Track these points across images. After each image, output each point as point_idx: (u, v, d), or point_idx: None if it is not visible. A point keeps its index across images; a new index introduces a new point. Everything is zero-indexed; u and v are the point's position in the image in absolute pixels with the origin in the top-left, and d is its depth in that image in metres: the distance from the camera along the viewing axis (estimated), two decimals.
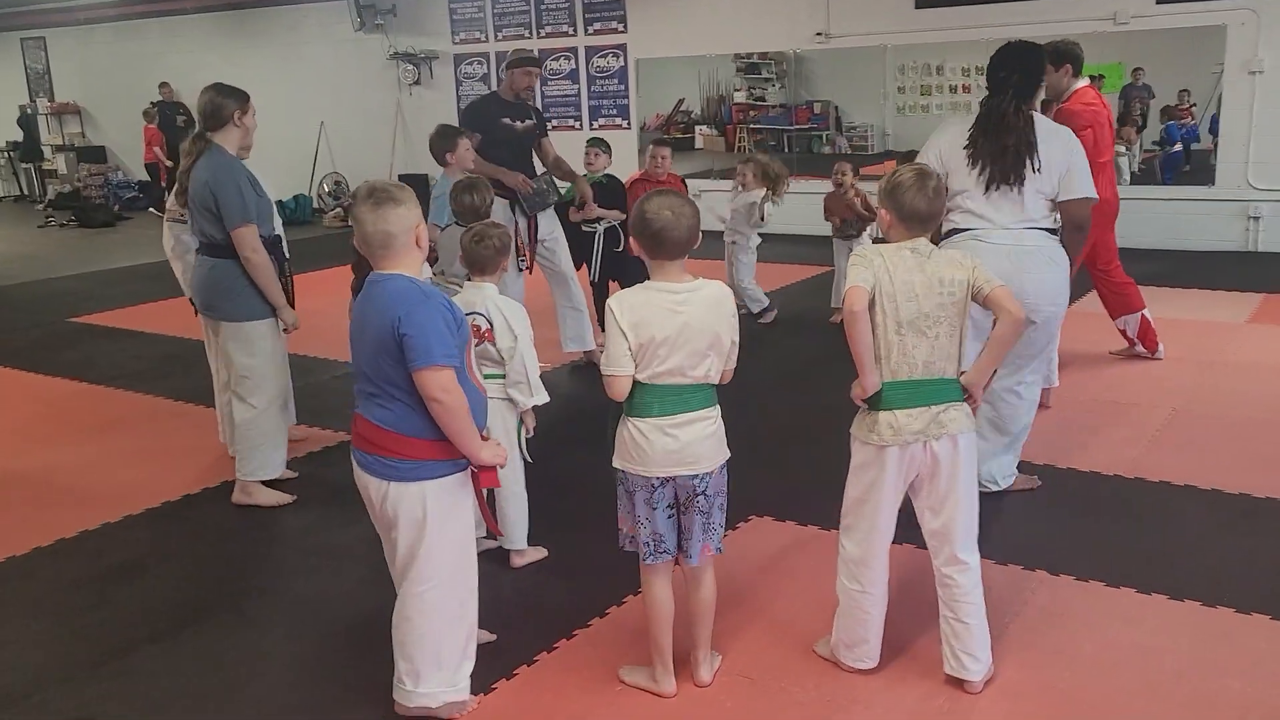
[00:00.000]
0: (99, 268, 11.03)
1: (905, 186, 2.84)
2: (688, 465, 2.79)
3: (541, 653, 3.21)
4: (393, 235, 2.66)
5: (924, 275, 2.80)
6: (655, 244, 2.73)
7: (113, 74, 16.86)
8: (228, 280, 4.29)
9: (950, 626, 2.92)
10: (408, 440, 2.68)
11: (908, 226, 2.86)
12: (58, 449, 5.35)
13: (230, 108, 4.27)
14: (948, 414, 2.83)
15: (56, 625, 3.55)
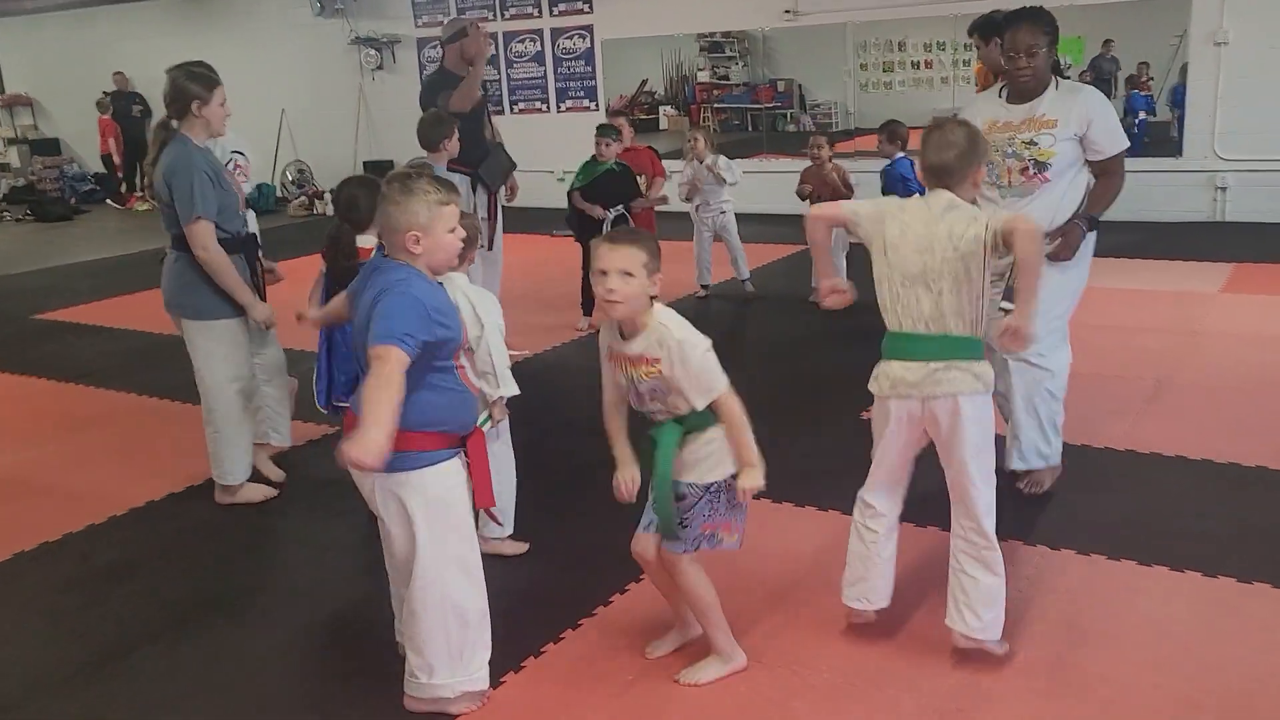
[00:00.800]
0: (60, 262, 10.82)
1: (925, 138, 2.88)
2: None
3: (548, 644, 3.18)
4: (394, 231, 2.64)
5: (933, 229, 2.78)
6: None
7: (64, 64, 16.51)
8: (188, 275, 4.10)
9: (957, 579, 2.93)
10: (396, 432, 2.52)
11: (925, 178, 2.91)
12: (33, 449, 5.24)
13: (190, 95, 4.01)
14: (947, 373, 2.79)
15: (50, 628, 3.47)
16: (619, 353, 2.74)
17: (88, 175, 16.39)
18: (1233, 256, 7.86)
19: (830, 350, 6.18)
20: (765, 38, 11.49)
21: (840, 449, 4.57)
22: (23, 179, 16.32)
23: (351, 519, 4.16)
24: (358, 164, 13.89)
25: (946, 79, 10.76)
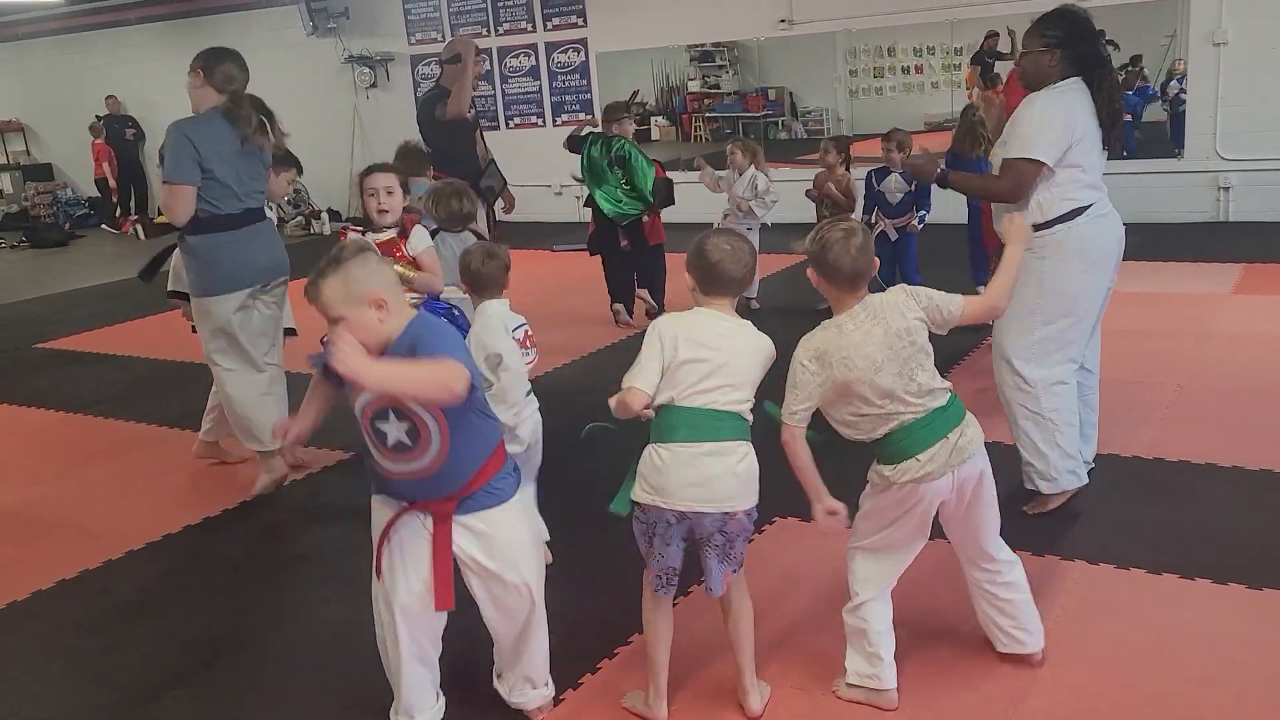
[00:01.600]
0: (58, 289, 10.73)
1: (829, 244, 2.71)
2: (710, 502, 2.65)
3: (585, 675, 3.12)
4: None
5: (884, 336, 2.67)
6: (710, 279, 2.71)
7: (56, 89, 16.43)
8: (185, 255, 4.37)
9: (996, 607, 2.89)
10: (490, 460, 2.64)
11: (837, 286, 2.74)
12: (42, 482, 5.15)
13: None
14: (964, 437, 2.70)
15: (72, 672, 3.39)
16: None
17: (81, 200, 16.29)
18: (1240, 257, 7.83)
19: None
20: (756, 46, 11.47)
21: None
22: (16, 205, 16.24)
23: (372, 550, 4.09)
24: (353, 182, 13.85)
25: (937, 84, 10.75)
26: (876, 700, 2.84)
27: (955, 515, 2.80)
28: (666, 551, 2.72)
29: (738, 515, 2.68)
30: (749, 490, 2.70)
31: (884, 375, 2.64)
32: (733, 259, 2.69)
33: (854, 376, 2.65)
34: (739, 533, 2.71)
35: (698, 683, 3.01)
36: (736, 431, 2.67)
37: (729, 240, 2.73)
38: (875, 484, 2.79)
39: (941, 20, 10.23)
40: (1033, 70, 3.79)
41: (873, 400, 2.66)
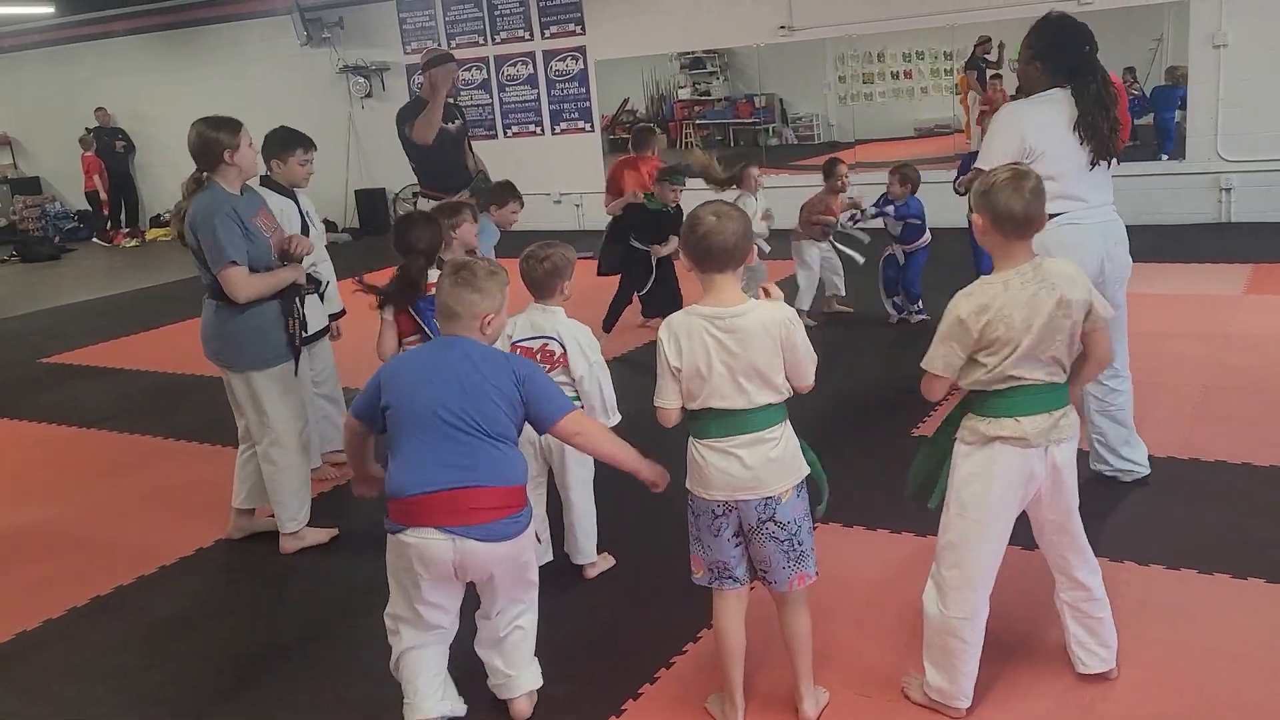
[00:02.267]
0: (54, 304, 10.63)
1: (999, 187, 2.65)
2: (748, 490, 2.64)
3: (645, 685, 3.09)
4: (457, 315, 2.78)
5: (1049, 304, 2.62)
6: (700, 251, 2.61)
7: (44, 101, 16.32)
8: (230, 325, 3.98)
9: (1086, 628, 2.87)
10: (516, 489, 2.75)
11: (1003, 232, 2.66)
12: (64, 499, 5.09)
13: (221, 145, 3.89)
14: (1065, 419, 2.70)
15: (115, 691, 3.34)
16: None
17: (70, 213, 16.18)
18: (1246, 258, 7.87)
19: (840, 372, 6.14)
20: (747, 53, 11.48)
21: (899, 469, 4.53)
22: (4, 219, 16.11)
23: None
24: (349, 193, 13.80)
25: (926, 89, 10.78)
26: (946, 711, 2.82)
27: (1049, 511, 2.75)
28: (714, 544, 2.73)
29: (784, 499, 2.66)
30: (789, 471, 2.67)
31: (1031, 339, 2.60)
32: (719, 228, 2.57)
33: (1005, 336, 2.60)
34: (794, 519, 2.68)
35: (757, 684, 2.98)
36: (766, 420, 2.64)
37: (715, 209, 2.62)
38: (959, 454, 2.74)
39: (940, 25, 10.26)
40: (1024, 79, 3.83)
41: (1007, 359, 2.61)
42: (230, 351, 4.06)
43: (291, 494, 4.19)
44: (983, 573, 2.73)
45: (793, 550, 2.70)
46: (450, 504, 2.63)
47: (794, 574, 2.72)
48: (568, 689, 3.07)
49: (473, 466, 2.65)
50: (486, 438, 2.67)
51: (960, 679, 2.77)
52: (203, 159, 3.95)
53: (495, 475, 2.67)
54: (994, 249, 2.70)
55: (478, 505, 2.64)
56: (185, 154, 4.03)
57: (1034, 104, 3.73)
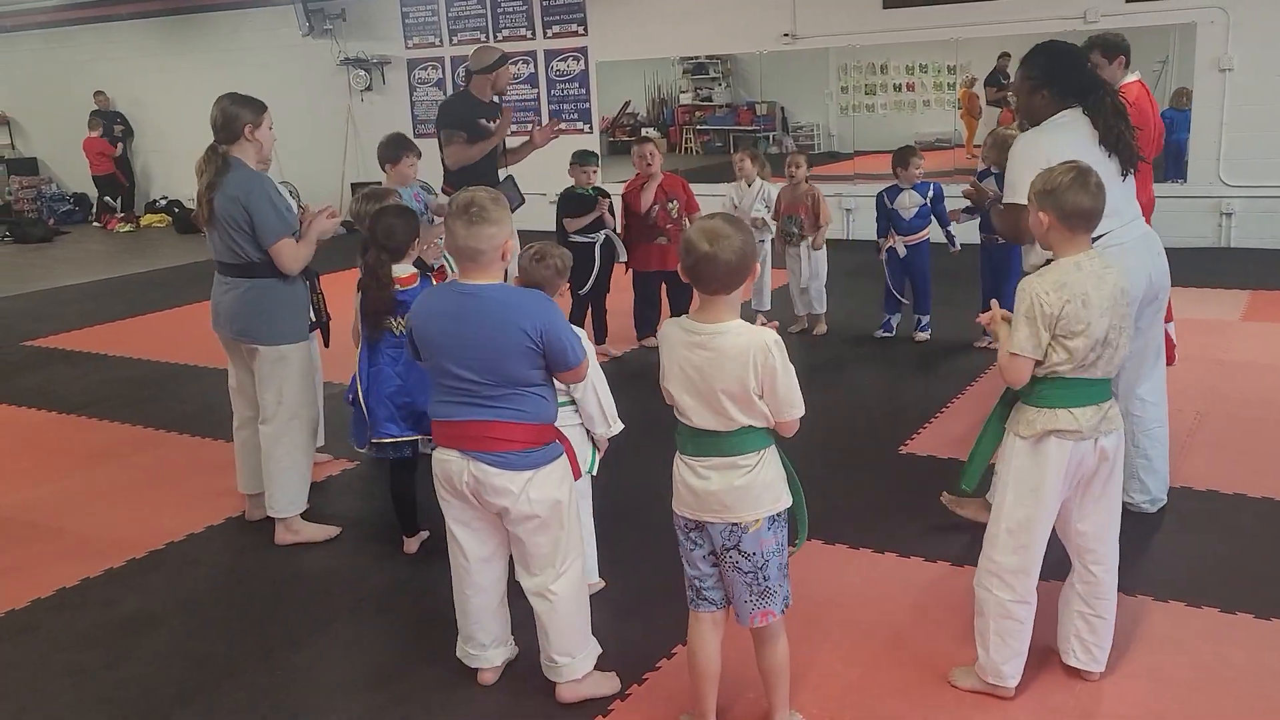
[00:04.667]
0: (44, 286, 10.52)
1: (1065, 185, 2.73)
2: (713, 512, 2.57)
3: (615, 701, 3.01)
4: (481, 251, 2.76)
5: (1109, 288, 2.72)
6: (694, 275, 2.51)
7: (42, 83, 16.20)
8: (265, 301, 4.03)
9: (1086, 622, 2.92)
10: (544, 428, 2.84)
11: (1071, 228, 2.75)
12: (37, 486, 5.00)
13: (243, 120, 3.97)
14: (1113, 409, 2.81)
15: (74, 689, 3.25)
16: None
17: (66, 196, 16.07)
18: (1245, 283, 7.82)
19: (832, 385, 6.07)
20: (751, 60, 11.42)
21: (885, 486, 4.46)
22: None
23: (390, 563, 3.99)
24: (346, 185, 13.70)
25: (929, 102, 10.72)
26: (998, 692, 2.90)
27: (1084, 496, 2.83)
28: (692, 558, 2.69)
29: (750, 529, 2.56)
30: (759, 501, 2.57)
31: (1103, 324, 2.69)
32: (711, 256, 2.45)
33: (1082, 315, 2.67)
34: (762, 553, 2.58)
35: (731, 707, 2.90)
36: (741, 445, 2.55)
37: (710, 233, 2.47)
38: (1014, 446, 2.80)
39: (944, 39, 10.20)
40: (1028, 110, 3.80)
41: (1079, 344, 2.68)
42: (262, 326, 4.06)
43: (292, 478, 4.15)
44: (1038, 557, 2.82)
45: (756, 584, 2.61)
46: (469, 431, 2.81)
47: (756, 609, 2.63)
48: (536, 702, 3.00)
49: (493, 406, 2.78)
50: (507, 386, 2.77)
51: (1014, 660, 2.86)
52: (224, 131, 4.00)
53: (514, 413, 2.78)
54: (1059, 244, 2.79)
55: (494, 435, 2.77)
56: (182, 140, 4.08)
57: (1050, 130, 3.69)
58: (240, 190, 3.91)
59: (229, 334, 4.14)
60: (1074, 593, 2.94)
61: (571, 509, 2.91)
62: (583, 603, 2.98)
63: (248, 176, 3.96)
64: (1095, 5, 9.37)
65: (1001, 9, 9.73)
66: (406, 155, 5.36)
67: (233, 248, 3.98)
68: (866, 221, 10.23)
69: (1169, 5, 9.14)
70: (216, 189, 3.93)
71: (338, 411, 5.13)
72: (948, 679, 3.00)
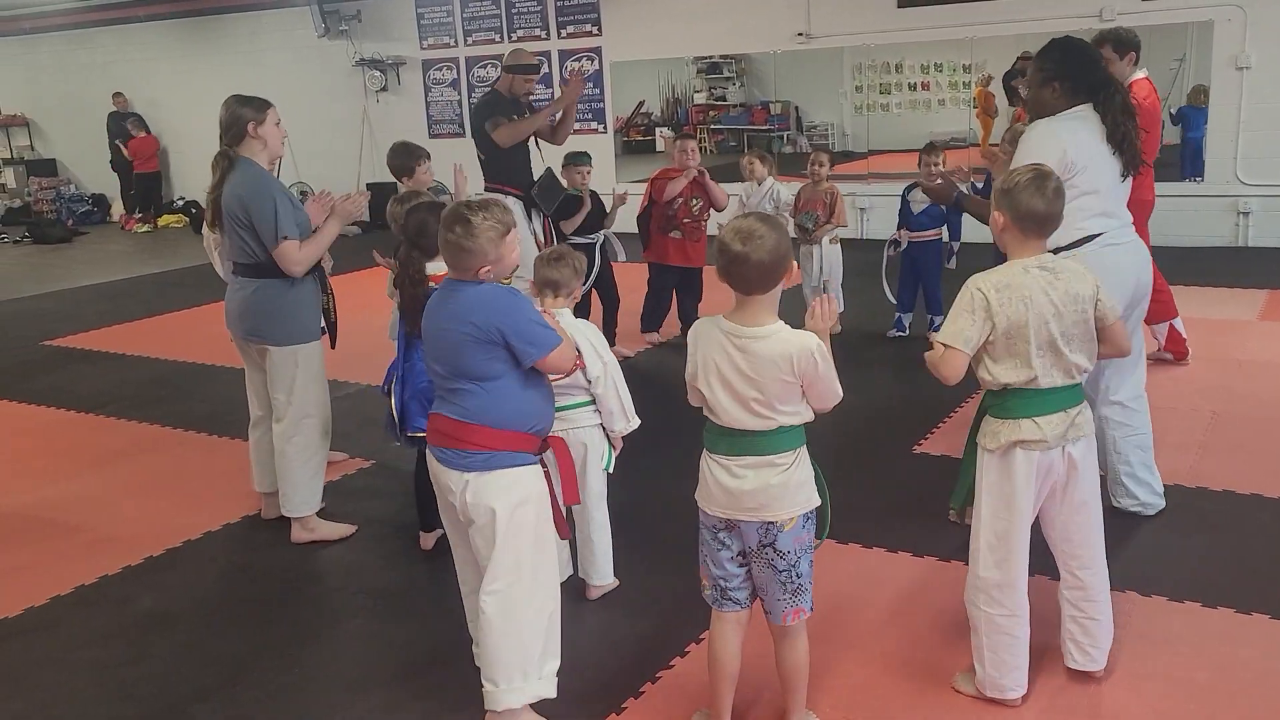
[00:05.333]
0: (63, 286, 10.61)
1: (1021, 186, 2.74)
2: (748, 511, 2.58)
3: (629, 699, 3.03)
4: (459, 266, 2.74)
5: (1059, 293, 2.71)
6: (730, 276, 2.50)
7: (61, 84, 16.32)
8: (273, 302, 4.05)
9: (1080, 625, 2.92)
10: (487, 430, 2.73)
11: (1023, 230, 2.75)
12: (57, 484, 5.04)
13: (245, 118, 4.00)
14: (1082, 415, 2.78)
15: (94, 684, 3.29)
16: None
17: (85, 196, 16.19)
18: (1263, 283, 7.77)
19: (865, 378, 6.07)
20: (765, 59, 11.41)
21: (898, 486, 4.47)
22: (19, 200, 16.12)
23: (407, 561, 4.01)
24: (361, 186, 13.75)
25: (944, 101, 10.70)
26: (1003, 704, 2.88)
27: (1061, 504, 2.82)
28: (717, 558, 2.68)
29: (785, 527, 2.57)
30: (795, 500, 2.58)
31: (1054, 326, 2.69)
32: (744, 256, 2.44)
33: (1029, 317, 2.67)
34: (795, 549, 2.60)
35: (747, 708, 2.91)
36: (778, 444, 2.55)
37: (744, 232, 2.45)
38: (983, 460, 2.81)
39: (959, 38, 10.17)
40: (1037, 104, 3.79)
41: (1030, 349, 2.69)
42: (273, 326, 4.08)
43: (305, 477, 4.17)
44: (1021, 568, 2.81)
45: (790, 582, 2.62)
46: (435, 426, 2.84)
47: (789, 607, 2.64)
48: (550, 704, 3.01)
49: (456, 400, 2.77)
50: (460, 379, 2.75)
51: (1012, 672, 2.84)
52: (229, 132, 4.04)
53: (471, 412, 2.74)
54: (1010, 245, 2.79)
55: (446, 431, 2.78)
56: (200, 140, 4.10)
57: (1064, 120, 3.67)
58: (243, 189, 3.94)
59: (239, 334, 4.17)
60: (1065, 599, 2.94)
61: (513, 528, 2.73)
62: (519, 632, 2.76)
63: (253, 176, 3.98)
64: (1111, 3, 9.33)
65: (1016, 7, 9.70)
66: (419, 163, 5.31)
67: (242, 247, 4.01)
68: (881, 221, 10.29)
69: (1186, 3, 9.10)
70: (221, 191, 3.96)
71: (349, 411, 5.17)
72: (951, 684, 2.98)
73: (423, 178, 5.36)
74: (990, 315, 2.69)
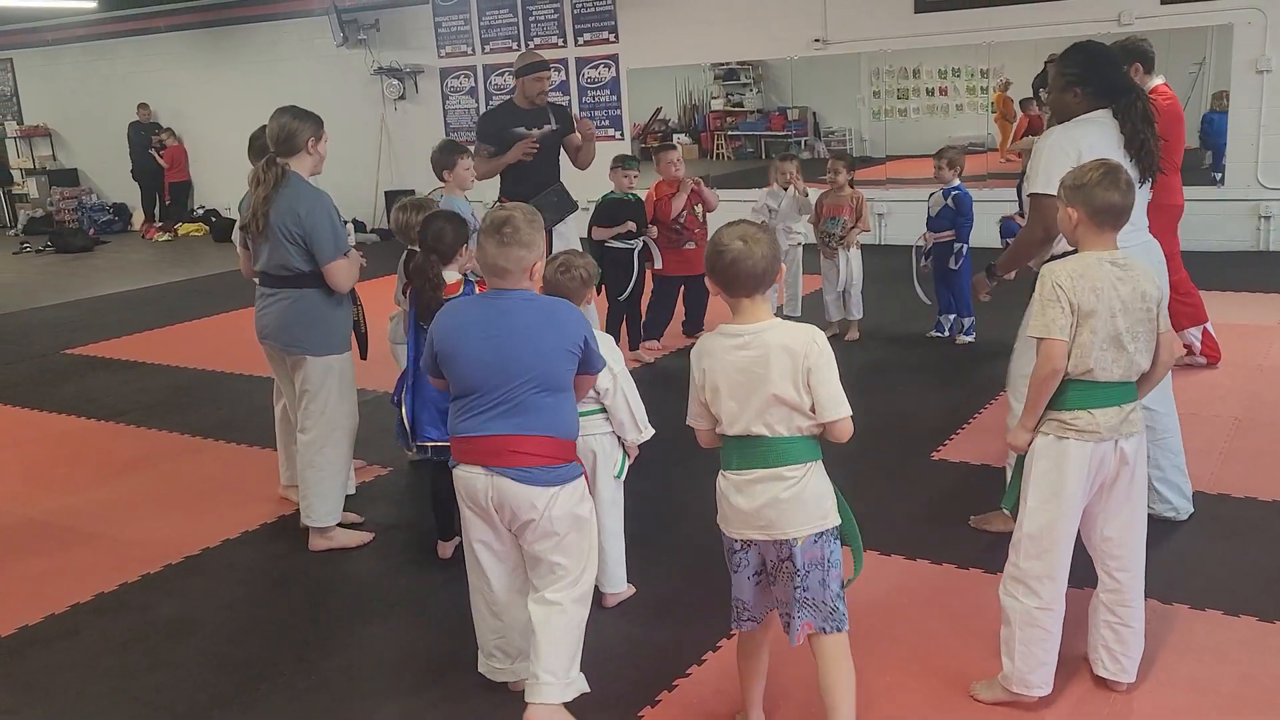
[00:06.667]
0: (84, 295, 10.69)
1: (1095, 182, 2.74)
2: (760, 529, 2.55)
3: (645, 708, 3.02)
4: (508, 271, 2.76)
5: (1128, 289, 2.71)
6: (728, 278, 2.52)
7: (83, 95, 16.48)
8: (313, 313, 4.08)
9: (1114, 631, 2.89)
10: (563, 442, 2.80)
11: (1099, 224, 2.76)
12: (76, 492, 5.07)
13: (305, 134, 4.02)
14: (1135, 412, 2.79)
15: (114, 690, 3.30)
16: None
17: (106, 206, 16.33)
18: None
19: (867, 390, 6.04)
20: (782, 65, 11.40)
21: (917, 493, 4.45)
22: (41, 210, 16.26)
23: (425, 568, 4.02)
24: (379, 194, 13.82)
25: (961, 106, 10.66)
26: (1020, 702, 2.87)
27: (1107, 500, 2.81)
28: (737, 580, 2.66)
29: (798, 543, 2.54)
30: (806, 517, 2.54)
31: (1120, 321, 2.69)
32: (747, 254, 2.48)
33: (1098, 308, 2.67)
34: (812, 565, 2.56)
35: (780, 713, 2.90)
36: (787, 454, 2.52)
37: (741, 233, 2.51)
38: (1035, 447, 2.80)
39: (977, 43, 10.14)
40: (1058, 107, 3.78)
41: (1096, 341, 2.68)
42: (312, 336, 4.11)
43: (332, 488, 4.19)
44: (1063, 561, 2.80)
45: (809, 597, 2.57)
46: (494, 447, 2.75)
47: (802, 621, 2.58)
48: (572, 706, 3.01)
49: (519, 415, 2.73)
50: (535, 390, 2.73)
51: (1041, 669, 2.82)
52: (284, 145, 4.05)
53: (540, 425, 2.74)
54: (1084, 239, 2.80)
55: (519, 450, 2.73)
56: (220, 149, 4.12)
57: (1081, 125, 3.66)
58: (303, 207, 3.94)
59: (277, 346, 4.18)
60: (1100, 602, 2.92)
61: (589, 533, 2.87)
62: (576, 630, 2.86)
63: (310, 194, 4.00)
64: (1130, 7, 9.28)
65: (1034, 12, 9.67)
66: (461, 158, 5.38)
67: (282, 261, 4.02)
68: (899, 226, 10.28)
69: (1205, 6, 9.05)
70: (273, 201, 3.96)
71: (366, 418, 5.15)
72: (970, 693, 2.96)
73: (463, 174, 5.38)
74: (1071, 302, 2.70)
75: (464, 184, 5.41)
